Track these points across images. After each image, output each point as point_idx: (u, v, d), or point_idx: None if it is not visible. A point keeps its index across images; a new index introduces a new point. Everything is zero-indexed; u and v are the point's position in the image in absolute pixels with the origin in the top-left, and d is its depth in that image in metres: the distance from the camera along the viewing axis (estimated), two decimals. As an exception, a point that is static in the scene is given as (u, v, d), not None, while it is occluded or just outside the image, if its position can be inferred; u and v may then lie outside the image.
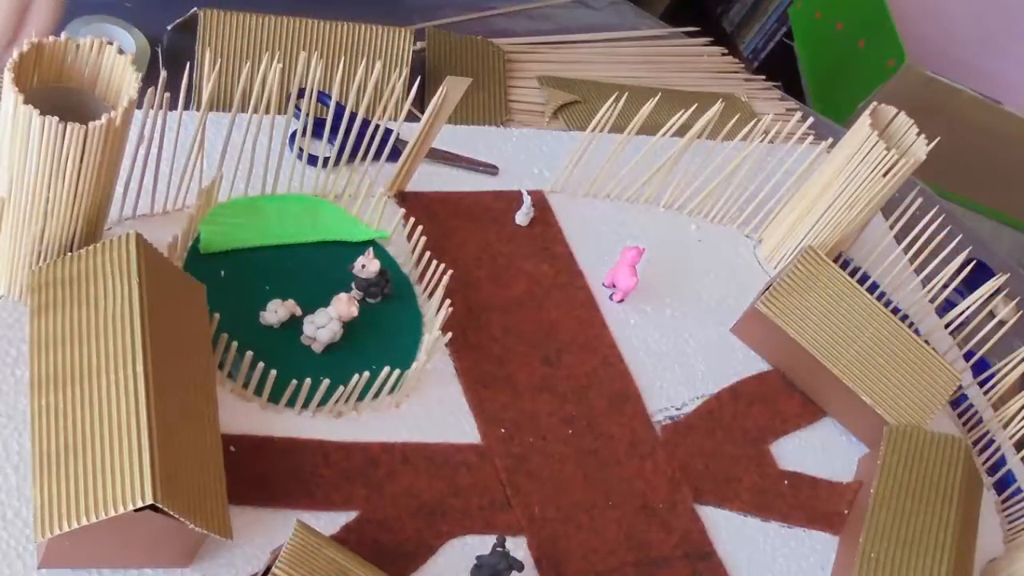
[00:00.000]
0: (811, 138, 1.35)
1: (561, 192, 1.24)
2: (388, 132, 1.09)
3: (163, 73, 0.92)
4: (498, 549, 0.91)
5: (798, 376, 1.19)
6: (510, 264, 1.15)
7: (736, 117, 1.27)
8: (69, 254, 0.87)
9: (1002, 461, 1.24)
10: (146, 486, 0.73)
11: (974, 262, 1.33)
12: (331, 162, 1.10)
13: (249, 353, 0.92)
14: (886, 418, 1.14)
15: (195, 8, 1.17)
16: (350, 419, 0.98)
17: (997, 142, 2.24)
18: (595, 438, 1.07)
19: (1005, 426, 1.25)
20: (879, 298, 1.24)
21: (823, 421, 1.19)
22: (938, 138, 1.20)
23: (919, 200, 1.32)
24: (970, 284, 1.33)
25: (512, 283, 1.14)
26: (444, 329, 1.00)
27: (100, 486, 0.75)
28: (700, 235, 1.30)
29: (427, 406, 1.02)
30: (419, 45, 1.32)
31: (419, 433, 1.00)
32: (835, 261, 1.24)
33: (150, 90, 0.91)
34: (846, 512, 1.11)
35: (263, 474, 0.91)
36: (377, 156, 1.08)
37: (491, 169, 1.23)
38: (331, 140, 1.11)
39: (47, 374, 0.81)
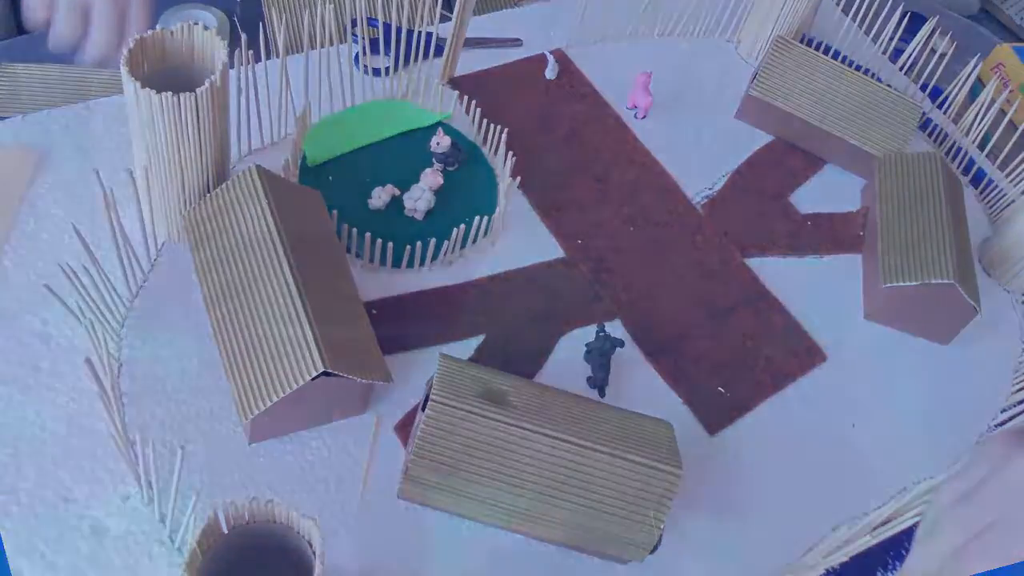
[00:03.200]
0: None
1: (575, 46, 1.14)
2: (429, 35, 1.04)
3: (243, 36, 0.86)
4: (600, 334, 0.84)
5: (796, 138, 1.09)
6: (551, 111, 1.06)
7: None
8: (208, 194, 0.80)
9: (971, 162, 1.15)
10: (316, 358, 0.68)
11: (908, 14, 1.22)
12: (391, 70, 1.02)
13: (368, 233, 0.86)
14: (873, 152, 1.06)
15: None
16: (459, 264, 0.90)
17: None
18: (652, 228, 0.98)
19: (966, 134, 1.15)
20: (843, 61, 1.15)
21: (825, 168, 1.09)
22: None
23: (855, -24, 1.22)
24: (910, 31, 1.22)
25: (556, 126, 1.04)
26: (513, 175, 0.93)
27: (280, 368, 0.69)
28: (691, 50, 1.19)
29: (516, 238, 0.94)
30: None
31: (516, 261, 0.92)
32: (800, 42, 1.17)
33: (236, 52, 0.85)
34: (861, 234, 1.03)
35: (403, 325, 0.84)
36: (425, 55, 1.03)
37: (516, 42, 1.12)
38: (387, 53, 1.04)
39: (217, 291, 0.75)
